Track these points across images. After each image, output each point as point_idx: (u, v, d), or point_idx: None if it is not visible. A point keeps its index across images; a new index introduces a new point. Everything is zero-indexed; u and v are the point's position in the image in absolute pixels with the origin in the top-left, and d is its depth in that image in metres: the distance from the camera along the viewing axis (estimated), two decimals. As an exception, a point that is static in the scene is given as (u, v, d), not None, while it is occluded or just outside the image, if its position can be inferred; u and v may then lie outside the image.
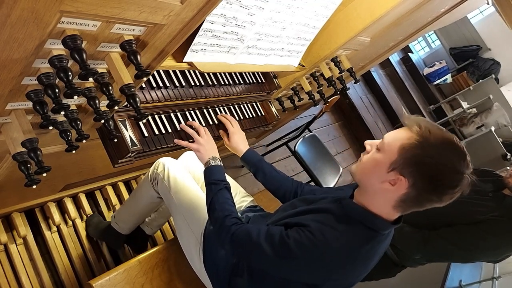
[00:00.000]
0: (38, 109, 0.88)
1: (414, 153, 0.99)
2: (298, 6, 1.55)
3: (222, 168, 1.36)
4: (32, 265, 1.71)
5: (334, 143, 4.36)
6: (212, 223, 1.27)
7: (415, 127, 1.02)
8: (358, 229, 1.07)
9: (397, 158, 1.01)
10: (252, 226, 1.17)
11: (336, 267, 1.07)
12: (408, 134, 1.02)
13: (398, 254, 1.92)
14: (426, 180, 0.99)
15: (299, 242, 1.05)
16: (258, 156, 1.52)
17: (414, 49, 7.54)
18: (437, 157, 0.97)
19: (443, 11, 2.32)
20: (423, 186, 1.00)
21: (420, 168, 0.98)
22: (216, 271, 1.37)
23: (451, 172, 0.98)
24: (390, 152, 1.02)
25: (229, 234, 1.16)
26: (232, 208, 1.25)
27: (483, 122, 5.87)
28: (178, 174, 1.53)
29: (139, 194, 1.67)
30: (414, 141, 1.00)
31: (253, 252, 1.13)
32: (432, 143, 0.98)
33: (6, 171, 1.23)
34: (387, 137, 1.06)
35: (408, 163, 0.99)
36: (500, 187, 1.93)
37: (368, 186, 1.09)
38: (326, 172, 2.76)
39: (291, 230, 1.10)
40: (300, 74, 1.95)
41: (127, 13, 0.80)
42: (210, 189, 1.29)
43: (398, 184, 1.01)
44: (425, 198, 1.02)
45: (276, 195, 1.50)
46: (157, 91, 1.35)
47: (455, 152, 0.99)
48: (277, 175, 1.49)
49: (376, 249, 1.12)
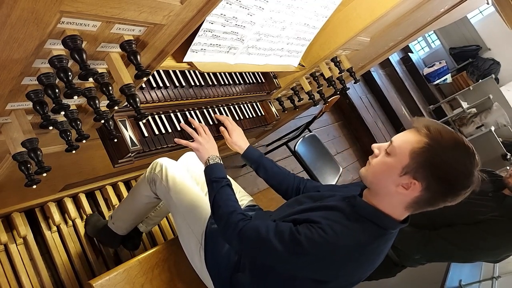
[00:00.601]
0: (38, 109, 0.88)
1: (426, 156, 1.00)
2: (298, 6, 1.55)
3: (222, 166, 1.36)
4: (32, 265, 1.71)
5: (334, 143, 4.36)
6: (216, 221, 1.25)
7: (424, 129, 1.03)
8: (368, 227, 1.09)
9: (409, 162, 1.02)
10: (260, 222, 1.16)
11: (345, 264, 1.08)
12: (417, 137, 1.03)
13: (398, 254, 1.92)
14: (439, 182, 1.00)
15: (310, 239, 1.05)
16: (259, 152, 1.52)
17: (414, 49, 7.54)
18: (449, 160, 0.99)
19: (442, 11, 2.32)
20: (437, 189, 1.01)
21: (433, 172, 0.99)
22: (218, 270, 1.37)
23: (464, 173, 1.00)
24: (402, 156, 1.03)
25: (236, 230, 1.15)
26: (236, 204, 1.25)
27: (483, 122, 5.87)
28: (176, 174, 1.53)
29: (136, 195, 1.65)
30: (425, 144, 1.01)
31: (262, 248, 1.12)
32: (443, 146, 1.00)
33: (6, 171, 1.23)
34: (397, 140, 1.07)
35: (421, 167, 1.00)
36: (500, 187, 1.93)
37: (380, 189, 1.10)
38: (326, 172, 2.76)
39: (300, 226, 1.10)
40: (300, 74, 1.95)
41: (127, 13, 0.80)
42: (211, 187, 1.29)
43: (411, 188, 1.02)
44: (439, 199, 1.04)
45: (278, 191, 1.51)
46: (157, 91, 1.35)
47: (466, 153, 1.01)
48: (278, 170, 1.50)
49: (384, 247, 1.14)
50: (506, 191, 1.90)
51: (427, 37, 7.67)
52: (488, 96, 5.79)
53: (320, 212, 1.15)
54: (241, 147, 1.52)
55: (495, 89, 6.05)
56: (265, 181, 1.52)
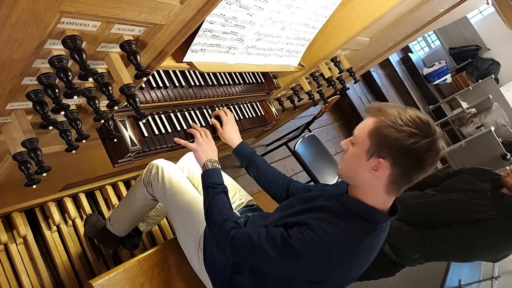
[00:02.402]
0: (38, 109, 0.89)
1: (381, 133, 1.03)
2: (298, 6, 1.55)
3: (219, 171, 1.35)
4: (32, 265, 1.71)
5: (333, 143, 4.36)
6: (209, 227, 1.25)
7: (375, 111, 1.07)
8: (358, 224, 1.09)
9: (370, 144, 1.05)
10: (252, 229, 1.17)
11: (340, 262, 1.08)
12: (371, 120, 1.07)
13: (397, 254, 1.92)
14: (403, 154, 1.02)
15: (302, 241, 1.06)
16: (251, 149, 1.51)
17: (414, 49, 7.54)
18: (402, 129, 1.01)
19: (442, 11, 2.32)
20: (404, 161, 1.03)
21: (393, 145, 1.02)
22: (216, 271, 1.37)
23: (424, 140, 1.01)
24: (363, 141, 1.07)
25: (228, 237, 1.16)
26: (230, 212, 1.24)
27: (483, 122, 5.87)
28: (173, 175, 1.52)
29: (132, 197, 1.65)
30: (377, 123, 1.04)
31: (255, 254, 1.13)
32: (393, 119, 1.03)
33: (6, 171, 1.23)
34: (356, 130, 1.11)
35: (381, 145, 1.04)
36: (499, 186, 1.93)
37: (357, 181, 1.12)
38: (325, 171, 2.76)
39: (291, 230, 1.10)
40: (300, 74, 1.95)
41: (127, 13, 0.80)
42: (207, 193, 1.29)
43: (381, 167, 1.05)
44: (412, 171, 1.05)
45: (268, 190, 1.50)
46: (157, 91, 1.35)
47: (417, 120, 1.03)
48: (270, 170, 1.49)
49: (376, 242, 1.15)
50: (505, 190, 1.90)
51: (426, 37, 7.67)
52: (488, 96, 5.79)
53: (310, 214, 1.16)
54: (233, 141, 1.52)
55: (494, 89, 6.04)
56: (255, 180, 1.50)
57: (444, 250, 1.82)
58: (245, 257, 1.18)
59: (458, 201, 1.92)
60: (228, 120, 1.54)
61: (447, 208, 1.92)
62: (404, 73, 6.69)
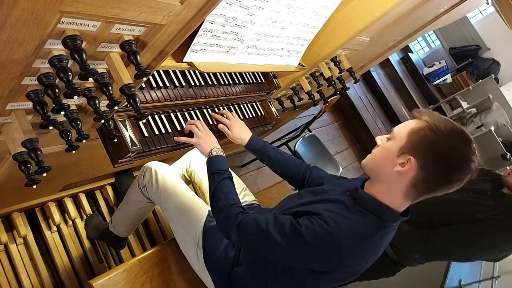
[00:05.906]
0: (38, 109, 0.88)
1: (423, 134, 1.03)
2: (298, 6, 1.55)
3: (224, 158, 1.35)
4: (32, 265, 1.71)
5: (333, 143, 4.36)
6: (215, 213, 1.24)
7: (424, 116, 1.07)
8: (369, 219, 1.10)
9: (406, 141, 1.05)
10: (259, 215, 1.16)
11: (347, 254, 1.08)
12: (415, 121, 1.08)
13: (398, 253, 1.92)
14: (435, 161, 1.02)
15: (312, 230, 1.05)
16: (262, 142, 1.53)
17: (414, 49, 7.54)
18: (446, 140, 1.02)
19: (442, 11, 2.32)
20: (433, 168, 1.03)
21: (429, 149, 1.02)
22: (216, 267, 1.37)
23: (459, 154, 1.01)
24: (400, 137, 1.08)
25: (235, 222, 1.14)
26: (236, 197, 1.24)
27: (483, 122, 5.87)
28: (166, 177, 1.52)
29: (129, 201, 1.65)
30: (423, 124, 1.05)
31: (262, 241, 1.12)
32: (441, 128, 1.03)
33: (6, 171, 1.23)
34: (397, 127, 1.11)
35: (417, 144, 1.03)
36: (499, 186, 1.93)
37: (379, 175, 1.12)
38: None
39: (301, 218, 1.10)
40: (300, 74, 1.95)
41: (127, 13, 0.80)
42: (212, 179, 1.28)
43: (408, 165, 1.04)
44: (435, 181, 1.05)
45: (284, 177, 1.53)
46: (157, 91, 1.35)
47: (462, 137, 1.03)
48: (283, 158, 1.51)
49: (383, 240, 1.15)
50: (505, 190, 1.90)
51: (427, 37, 7.67)
52: (488, 96, 5.79)
53: (321, 205, 1.16)
54: (243, 139, 1.52)
55: (494, 89, 6.05)
56: (271, 169, 1.53)
57: (444, 249, 1.82)
58: (251, 243, 1.17)
59: (458, 201, 1.92)
60: (233, 122, 1.54)
61: (448, 208, 1.92)
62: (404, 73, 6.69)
